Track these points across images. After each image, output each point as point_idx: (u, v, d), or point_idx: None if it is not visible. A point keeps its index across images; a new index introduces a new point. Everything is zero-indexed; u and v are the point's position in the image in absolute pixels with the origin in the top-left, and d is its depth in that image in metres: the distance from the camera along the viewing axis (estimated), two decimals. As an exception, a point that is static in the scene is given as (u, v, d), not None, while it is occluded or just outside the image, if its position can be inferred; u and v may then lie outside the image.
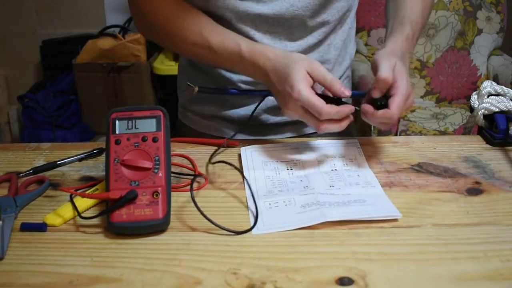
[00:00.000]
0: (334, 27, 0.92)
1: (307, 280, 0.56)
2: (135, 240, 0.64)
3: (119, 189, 0.66)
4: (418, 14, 0.88)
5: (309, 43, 0.90)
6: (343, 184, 0.75)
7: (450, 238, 0.63)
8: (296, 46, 0.89)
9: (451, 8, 2.34)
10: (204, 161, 0.82)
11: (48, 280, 0.57)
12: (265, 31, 0.87)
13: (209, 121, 0.99)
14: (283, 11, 0.85)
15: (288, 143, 0.87)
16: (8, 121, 2.75)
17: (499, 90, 0.89)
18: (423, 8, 0.90)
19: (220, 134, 0.97)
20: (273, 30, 0.87)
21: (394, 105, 0.72)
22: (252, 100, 0.94)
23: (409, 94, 0.75)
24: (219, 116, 0.98)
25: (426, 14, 0.92)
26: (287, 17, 0.86)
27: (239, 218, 0.68)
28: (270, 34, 0.88)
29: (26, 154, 0.85)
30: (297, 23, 0.87)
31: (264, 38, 0.88)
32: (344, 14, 0.93)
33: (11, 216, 0.67)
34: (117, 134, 0.69)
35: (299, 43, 0.90)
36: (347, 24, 0.95)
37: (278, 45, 0.88)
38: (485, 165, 0.81)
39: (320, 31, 0.90)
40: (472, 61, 2.38)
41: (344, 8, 0.91)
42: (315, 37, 0.90)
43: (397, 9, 0.89)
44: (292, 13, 0.85)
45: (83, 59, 2.42)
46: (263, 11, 0.85)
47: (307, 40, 0.90)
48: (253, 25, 0.86)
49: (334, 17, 0.90)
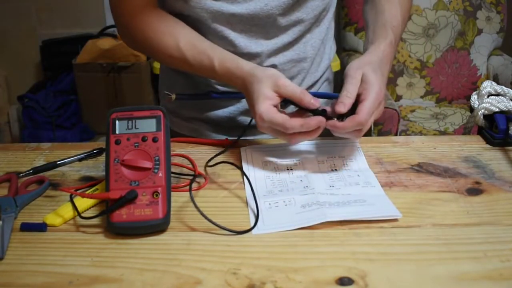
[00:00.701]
0: (310, 26, 0.92)
1: (307, 280, 0.56)
2: (135, 240, 0.64)
3: (119, 189, 0.66)
4: (399, 19, 0.89)
5: (284, 41, 0.90)
6: (343, 184, 0.75)
7: (450, 238, 0.63)
8: (272, 44, 0.90)
9: (451, 8, 2.34)
10: (204, 161, 0.82)
11: (48, 280, 0.57)
12: (240, 31, 0.88)
13: (189, 123, 1.00)
14: (257, 11, 0.86)
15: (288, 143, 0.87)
16: (8, 121, 2.75)
17: (499, 90, 0.89)
18: (403, 13, 0.90)
19: (200, 136, 0.98)
20: (248, 29, 0.88)
21: (364, 110, 0.73)
22: (230, 102, 0.95)
23: (380, 100, 0.75)
24: (198, 118, 0.99)
25: (406, 18, 0.92)
26: (261, 16, 0.86)
27: (239, 218, 0.68)
28: (245, 33, 0.88)
29: (26, 154, 0.85)
30: (271, 22, 0.88)
31: (239, 37, 0.88)
32: (320, 14, 0.93)
33: (11, 216, 0.67)
34: (117, 134, 0.69)
35: (275, 41, 0.90)
36: (324, 24, 0.96)
37: (254, 44, 0.89)
38: (485, 165, 0.81)
39: (296, 30, 0.90)
40: (472, 61, 2.38)
41: (319, 7, 0.91)
42: (290, 35, 0.90)
43: (377, 14, 0.89)
44: (267, 13, 0.86)
45: (83, 59, 2.42)
46: (237, 11, 0.85)
47: (282, 38, 0.90)
48: (228, 25, 0.87)
49: (309, 15, 0.90)
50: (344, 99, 0.74)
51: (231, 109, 0.96)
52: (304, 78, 0.97)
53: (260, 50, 0.89)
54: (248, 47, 0.89)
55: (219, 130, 0.98)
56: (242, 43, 0.88)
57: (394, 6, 0.89)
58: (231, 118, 0.97)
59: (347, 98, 0.74)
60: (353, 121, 0.73)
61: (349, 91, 0.74)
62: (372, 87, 0.75)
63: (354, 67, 0.78)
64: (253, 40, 0.89)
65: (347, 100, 0.74)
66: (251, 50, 0.89)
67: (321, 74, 1.01)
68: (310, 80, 0.98)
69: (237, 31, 0.88)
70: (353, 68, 0.77)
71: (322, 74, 1.02)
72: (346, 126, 0.73)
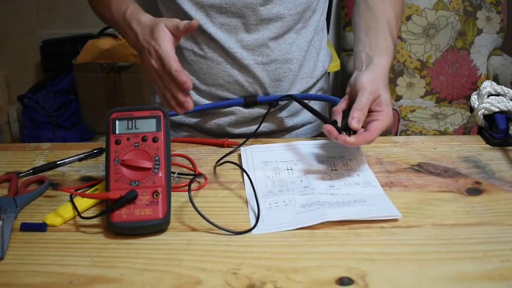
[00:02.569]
0: (293, 24, 0.92)
1: (307, 280, 0.56)
2: (135, 240, 0.64)
3: (119, 189, 0.66)
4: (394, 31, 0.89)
5: (265, 36, 0.90)
6: (343, 184, 0.75)
7: (450, 238, 0.63)
8: (252, 39, 0.90)
9: (451, 8, 2.34)
10: (204, 161, 0.82)
11: (48, 280, 0.57)
12: (220, 24, 0.88)
13: (180, 129, 1.01)
14: (235, 0, 0.86)
15: (288, 143, 0.87)
16: (8, 121, 2.75)
17: (499, 90, 0.89)
18: (398, 21, 0.90)
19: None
20: (228, 22, 0.88)
21: (376, 130, 0.74)
22: (218, 110, 0.96)
23: (391, 123, 0.77)
24: (188, 124, 1.00)
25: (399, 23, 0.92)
26: (239, 5, 0.87)
27: (239, 218, 0.68)
28: (225, 27, 0.89)
29: (26, 154, 0.85)
30: (250, 13, 0.88)
31: (219, 32, 0.89)
32: (304, 13, 0.92)
33: (11, 216, 0.67)
34: (117, 134, 0.69)
35: (255, 36, 0.90)
36: (310, 26, 0.95)
37: (234, 38, 0.89)
38: (485, 165, 0.81)
39: (277, 25, 0.90)
40: (472, 61, 2.38)
41: (302, 4, 0.91)
42: (272, 30, 0.90)
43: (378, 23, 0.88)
44: (244, 2, 0.87)
45: (83, 59, 2.42)
46: (215, 1, 0.86)
47: (263, 33, 0.90)
48: (208, 17, 0.88)
49: (290, 11, 0.90)
50: (358, 114, 0.74)
51: (224, 120, 0.97)
52: (293, 82, 0.96)
53: (241, 45, 0.90)
54: (229, 41, 0.89)
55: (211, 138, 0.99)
56: (222, 37, 0.89)
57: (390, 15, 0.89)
58: (222, 128, 0.97)
59: (362, 113, 0.75)
60: (364, 138, 0.74)
61: (364, 106, 0.75)
62: (388, 109, 0.76)
63: (369, 80, 0.78)
64: (233, 34, 0.89)
65: (362, 116, 0.75)
66: (232, 44, 0.89)
67: (314, 82, 1.00)
68: (301, 85, 0.98)
69: (216, 25, 0.88)
70: (368, 81, 0.77)
71: (315, 82, 1.01)
72: (356, 142, 0.73)
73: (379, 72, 0.80)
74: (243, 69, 0.91)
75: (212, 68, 0.92)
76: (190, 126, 0.99)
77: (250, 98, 0.94)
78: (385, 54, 0.84)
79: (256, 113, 0.96)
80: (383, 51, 0.84)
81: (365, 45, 0.86)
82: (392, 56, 0.85)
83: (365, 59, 0.83)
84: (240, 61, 0.90)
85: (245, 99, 0.94)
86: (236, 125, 0.97)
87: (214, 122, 0.97)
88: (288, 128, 1.01)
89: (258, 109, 0.96)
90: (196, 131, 1.00)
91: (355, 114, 0.74)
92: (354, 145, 0.74)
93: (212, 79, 0.93)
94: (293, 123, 1.00)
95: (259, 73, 0.92)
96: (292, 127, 1.01)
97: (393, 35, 0.87)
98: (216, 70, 0.92)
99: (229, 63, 0.91)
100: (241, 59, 0.90)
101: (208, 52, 0.91)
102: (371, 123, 0.75)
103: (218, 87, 0.93)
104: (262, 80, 0.93)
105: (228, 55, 0.90)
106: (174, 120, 1.00)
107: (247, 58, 0.90)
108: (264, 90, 0.94)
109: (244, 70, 0.91)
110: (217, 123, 0.97)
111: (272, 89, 0.95)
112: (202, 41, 0.90)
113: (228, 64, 0.91)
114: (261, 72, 0.92)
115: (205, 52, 0.91)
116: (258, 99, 0.94)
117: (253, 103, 0.94)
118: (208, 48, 0.90)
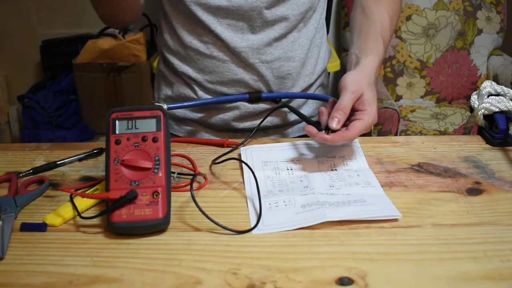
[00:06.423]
0: (296, 24, 0.93)
1: (307, 280, 0.56)
2: (135, 240, 0.64)
3: (119, 189, 0.66)
4: (387, 33, 0.90)
5: (270, 36, 0.91)
6: (343, 184, 0.75)
7: (450, 238, 0.63)
8: (257, 39, 0.91)
9: (451, 8, 2.34)
10: (204, 161, 0.82)
11: (48, 280, 0.57)
12: (227, 25, 0.90)
13: (184, 124, 1.01)
14: (242, 3, 0.87)
15: (288, 143, 0.87)
16: (8, 121, 2.75)
17: (499, 90, 0.89)
18: (392, 25, 0.92)
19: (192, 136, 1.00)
20: (234, 24, 0.90)
21: (355, 129, 0.76)
22: (222, 105, 0.96)
23: (374, 123, 0.78)
24: (192, 119, 1.00)
25: (394, 27, 0.94)
26: (246, 8, 0.88)
27: (239, 218, 0.68)
28: (231, 27, 0.90)
29: (26, 154, 0.85)
30: (256, 15, 0.89)
31: (226, 32, 0.90)
32: (306, 12, 0.94)
33: (11, 216, 0.67)
34: (117, 134, 0.69)
35: (261, 36, 0.91)
36: (311, 24, 0.96)
37: (240, 38, 0.90)
38: (485, 165, 0.81)
39: (282, 25, 0.92)
40: (472, 61, 2.38)
41: (305, 4, 0.92)
42: (276, 30, 0.92)
43: (370, 24, 0.90)
44: (251, 5, 0.88)
45: (83, 59, 2.42)
46: (222, 4, 0.87)
47: (268, 33, 0.91)
48: (215, 18, 0.89)
49: (294, 12, 0.91)
50: (338, 114, 0.76)
51: (229, 115, 0.97)
52: (296, 79, 0.97)
53: (246, 45, 0.90)
54: (234, 41, 0.90)
55: (215, 133, 1.00)
56: (228, 37, 0.90)
57: (384, 17, 0.90)
58: (227, 123, 0.98)
59: (342, 114, 0.76)
60: (342, 137, 0.76)
61: (345, 106, 0.77)
62: (371, 108, 0.78)
63: (352, 80, 0.80)
64: (239, 34, 0.90)
65: (342, 116, 0.76)
66: (237, 44, 0.90)
67: (316, 78, 1.02)
68: (304, 82, 0.99)
69: (223, 25, 0.89)
70: (351, 81, 0.79)
71: (317, 78, 1.02)
72: (334, 140, 0.76)
73: (364, 71, 0.82)
74: (248, 67, 0.92)
75: (217, 67, 0.93)
76: (195, 121, 1.00)
77: (255, 94, 0.95)
78: (372, 53, 0.85)
79: (260, 108, 0.97)
80: (370, 51, 0.86)
81: (356, 47, 0.88)
82: (381, 56, 0.87)
83: (354, 60, 0.86)
84: (245, 60, 0.91)
85: (250, 94, 0.95)
86: (240, 120, 0.98)
87: (219, 117, 0.98)
88: (291, 122, 1.01)
89: (262, 104, 0.97)
90: (200, 125, 1.00)
91: (334, 114, 0.76)
92: (332, 143, 0.76)
93: (218, 77, 0.93)
94: (295, 117, 1.01)
95: (264, 71, 0.93)
96: (294, 121, 1.02)
97: (385, 36, 0.89)
98: (221, 69, 0.93)
99: (235, 61, 0.92)
100: (246, 58, 0.91)
101: (214, 51, 0.92)
102: (352, 122, 0.77)
103: (223, 85, 0.94)
104: (266, 78, 0.94)
105: (234, 54, 0.91)
106: (178, 115, 1.00)
107: (252, 57, 0.91)
108: (268, 87, 0.95)
109: (249, 68, 0.93)
110: (221, 118, 0.97)
111: (276, 86, 0.96)
112: (209, 40, 0.91)
113: (233, 63, 0.92)
114: (265, 70, 0.93)
115: (211, 51, 0.92)
116: (262, 96, 0.95)
117: (257, 99, 0.95)
118: (214, 47, 0.91)
